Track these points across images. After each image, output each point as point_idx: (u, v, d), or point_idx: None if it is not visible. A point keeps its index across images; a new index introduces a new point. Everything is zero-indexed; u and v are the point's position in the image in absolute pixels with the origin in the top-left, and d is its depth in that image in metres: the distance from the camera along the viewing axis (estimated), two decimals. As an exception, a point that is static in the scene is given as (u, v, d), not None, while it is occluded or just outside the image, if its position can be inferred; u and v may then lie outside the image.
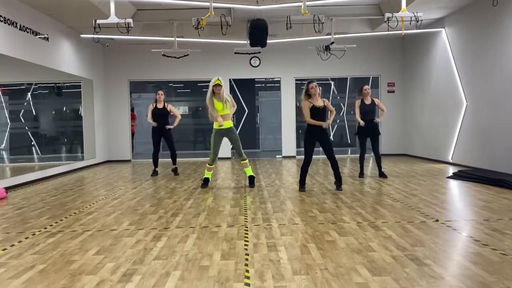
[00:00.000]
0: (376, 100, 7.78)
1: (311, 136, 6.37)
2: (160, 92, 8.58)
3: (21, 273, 3.13)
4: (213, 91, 6.62)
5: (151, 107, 8.55)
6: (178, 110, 9.31)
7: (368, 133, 7.61)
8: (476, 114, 8.59)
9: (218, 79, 6.61)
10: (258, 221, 4.60)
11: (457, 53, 9.29)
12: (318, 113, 6.29)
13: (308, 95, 6.31)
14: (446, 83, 9.74)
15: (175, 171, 8.78)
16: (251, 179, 7.01)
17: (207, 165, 6.98)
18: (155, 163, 8.81)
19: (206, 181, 7.04)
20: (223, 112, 6.69)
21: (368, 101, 7.63)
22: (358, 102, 7.68)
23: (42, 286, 2.87)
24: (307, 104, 6.26)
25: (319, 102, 6.32)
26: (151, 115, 8.49)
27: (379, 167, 7.76)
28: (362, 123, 7.49)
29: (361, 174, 7.80)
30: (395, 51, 12.25)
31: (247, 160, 6.98)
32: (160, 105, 8.51)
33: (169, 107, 8.61)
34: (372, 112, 7.66)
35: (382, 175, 7.68)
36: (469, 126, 8.86)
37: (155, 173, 8.76)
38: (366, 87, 7.71)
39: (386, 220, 4.54)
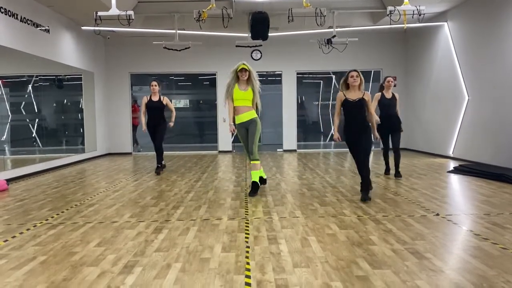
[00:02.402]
0: (397, 96, 7.07)
1: (347, 137, 5.37)
2: (154, 83, 7.74)
3: (23, 264, 3.15)
4: (237, 77, 5.63)
5: (145, 100, 7.78)
6: (180, 104, 9.20)
7: (388, 127, 6.90)
8: (477, 109, 8.57)
9: (244, 64, 5.60)
10: (258, 214, 4.60)
11: (459, 47, 9.25)
12: (351, 108, 5.23)
13: (347, 85, 5.31)
14: (448, 77, 9.71)
15: (158, 168, 8.02)
16: (255, 185, 5.69)
17: (250, 163, 5.77)
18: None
19: (254, 186, 5.70)
20: (242, 103, 5.62)
21: (389, 95, 6.93)
22: (377, 95, 6.95)
23: (44, 278, 2.88)
24: (339, 96, 5.33)
25: (355, 95, 5.24)
26: (145, 109, 7.75)
27: (397, 165, 7.02)
28: (377, 119, 6.46)
29: (387, 171, 7.30)
30: (397, 44, 12.21)
31: (258, 162, 5.71)
32: (155, 98, 7.73)
33: (165, 100, 7.81)
34: (392, 107, 6.92)
35: (397, 174, 6.97)
36: (470, 120, 8.84)
37: (161, 167, 8.08)
38: (389, 78, 6.96)
39: (387, 213, 4.54)
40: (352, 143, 5.29)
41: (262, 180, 6.06)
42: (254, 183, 5.71)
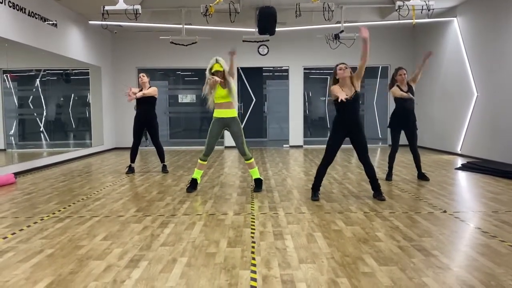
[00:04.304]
0: (413, 84, 6.30)
1: (338, 128, 5.00)
2: (141, 74, 7.26)
3: (30, 257, 3.17)
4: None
5: (134, 91, 7.21)
6: (186, 98, 9.12)
7: (403, 125, 6.29)
8: (486, 105, 8.49)
9: (217, 63, 5.43)
10: (264, 210, 4.60)
11: (469, 43, 9.15)
12: (346, 105, 4.73)
13: (337, 80, 4.93)
14: (457, 74, 9.62)
15: (164, 168, 7.49)
16: (258, 182, 5.67)
17: (198, 160, 5.63)
18: (133, 158, 7.34)
19: (193, 183, 5.67)
20: (224, 99, 5.42)
21: (405, 88, 6.20)
22: (395, 89, 6.19)
23: (50, 270, 2.90)
24: (335, 89, 4.84)
25: (348, 91, 4.86)
26: (136, 102, 7.24)
27: (418, 167, 6.44)
28: (405, 95, 6.05)
29: (389, 176, 6.42)
30: (406, 40, 12.11)
31: (252, 160, 5.58)
32: (145, 90, 7.19)
33: (151, 89, 7.17)
34: (410, 101, 6.18)
35: (422, 176, 6.38)
36: (479, 117, 8.76)
37: (131, 170, 7.33)
38: (401, 71, 6.21)
39: (394, 210, 4.52)
40: (340, 137, 4.98)
41: (259, 183, 5.69)
42: (256, 180, 5.68)
